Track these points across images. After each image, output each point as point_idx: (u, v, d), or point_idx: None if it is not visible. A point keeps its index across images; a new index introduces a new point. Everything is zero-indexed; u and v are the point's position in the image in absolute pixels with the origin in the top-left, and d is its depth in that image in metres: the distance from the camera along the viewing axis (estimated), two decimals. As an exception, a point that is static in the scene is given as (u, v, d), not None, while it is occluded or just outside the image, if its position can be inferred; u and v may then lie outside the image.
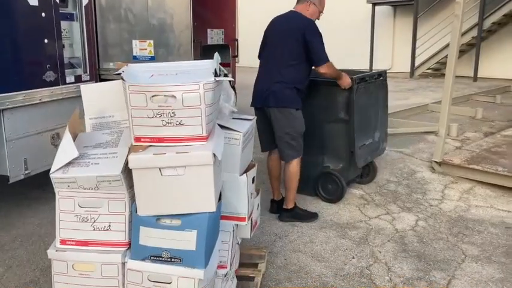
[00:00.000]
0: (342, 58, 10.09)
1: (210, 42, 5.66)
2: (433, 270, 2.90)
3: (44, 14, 3.58)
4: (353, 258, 3.05)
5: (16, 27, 3.41)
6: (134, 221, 1.91)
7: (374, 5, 13.86)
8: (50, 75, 3.68)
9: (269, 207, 3.73)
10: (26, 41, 3.48)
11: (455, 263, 2.98)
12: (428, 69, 13.44)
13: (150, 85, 1.83)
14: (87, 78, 4.13)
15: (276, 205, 3.70)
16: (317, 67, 3.40)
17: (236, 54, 6.41)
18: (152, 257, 1.90)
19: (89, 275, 1.97)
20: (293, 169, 3.48)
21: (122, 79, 1.86)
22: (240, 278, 2.52)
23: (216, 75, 1.90)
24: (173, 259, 1.88)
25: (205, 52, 5.10)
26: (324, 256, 3.07)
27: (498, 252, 3.13)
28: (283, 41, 3.42)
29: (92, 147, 2.05)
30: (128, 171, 1.88)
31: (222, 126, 2.21)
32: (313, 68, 3.47)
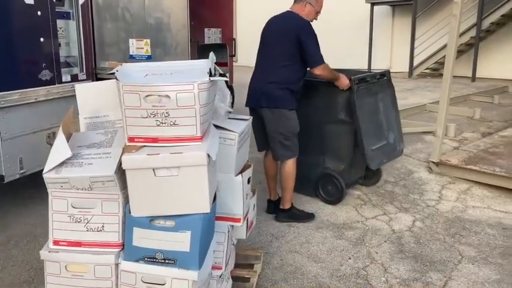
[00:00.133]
0: (342, 58, 10.15)
1: (207, 41, 5.66)
2: (430, 271, 2.89)
3: (40, 13, 3.56)
4: (349, 258, 3.04)
5: (12, 25, 3.40)
6: (128, 222, 1.90)
7: (373, 5, 13.85)
8: (46, 74, 3.66)
9: (266, 207, 3.72)
10: (22, 40, 3.47)
11: (451, 264, 2.98)
12: (426, 69, 13.43)
13: (144, 85, 1.82)
14: (83, 77, 4.12)
15: (273, 205, 3.68)
16: (312, 69, 3.36)
17: (234, 53, 6.40)
18: (146, 258, 1.89)
19: (82, 276, 1.96)
20: (288, 169, 3.46)
21: (116, 79, 1.85)
22: (236, 279, 2.51)
23: (211, 75, 1.89)
24: (167, 260, 1.87)
25: (202, 51, 5.10)
26: (320, 257, 3.06)
27: (495, 253, 3.12)
28: (278, 42, 3.40)
29: (86, 147, 2.04)
30: (122, 171, 1.86)
31: (218, 126, 2.19)
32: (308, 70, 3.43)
